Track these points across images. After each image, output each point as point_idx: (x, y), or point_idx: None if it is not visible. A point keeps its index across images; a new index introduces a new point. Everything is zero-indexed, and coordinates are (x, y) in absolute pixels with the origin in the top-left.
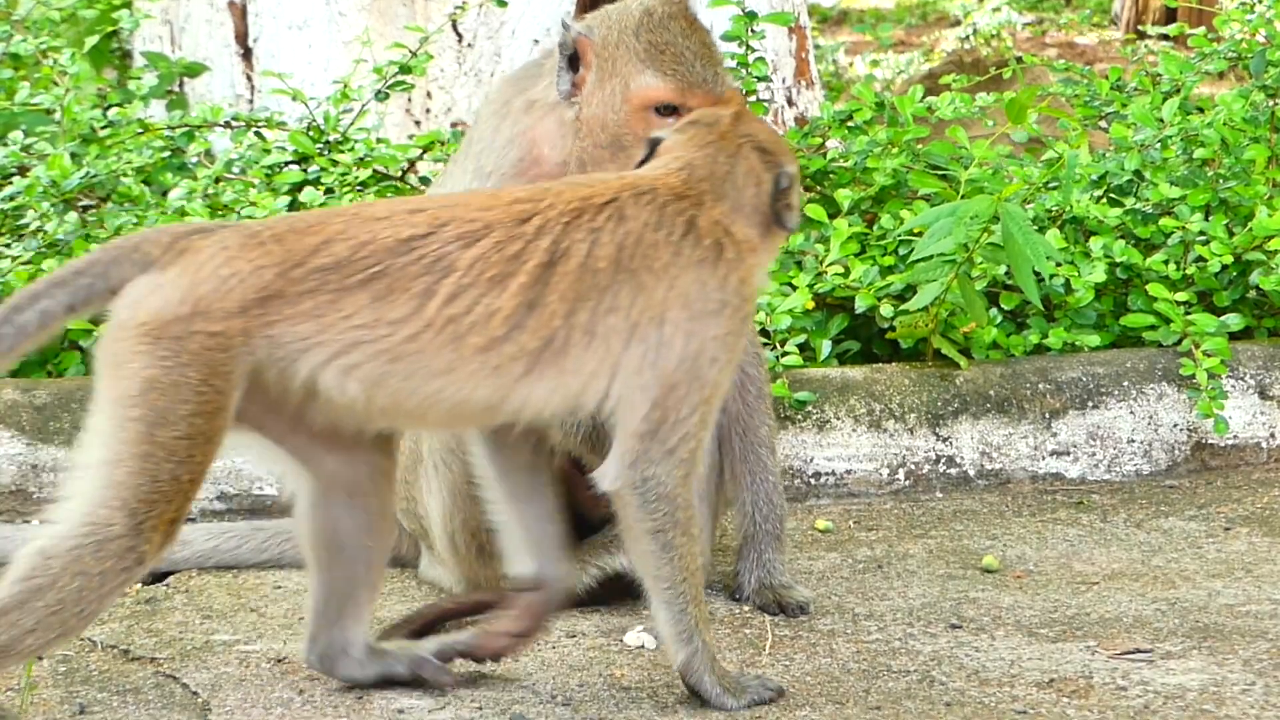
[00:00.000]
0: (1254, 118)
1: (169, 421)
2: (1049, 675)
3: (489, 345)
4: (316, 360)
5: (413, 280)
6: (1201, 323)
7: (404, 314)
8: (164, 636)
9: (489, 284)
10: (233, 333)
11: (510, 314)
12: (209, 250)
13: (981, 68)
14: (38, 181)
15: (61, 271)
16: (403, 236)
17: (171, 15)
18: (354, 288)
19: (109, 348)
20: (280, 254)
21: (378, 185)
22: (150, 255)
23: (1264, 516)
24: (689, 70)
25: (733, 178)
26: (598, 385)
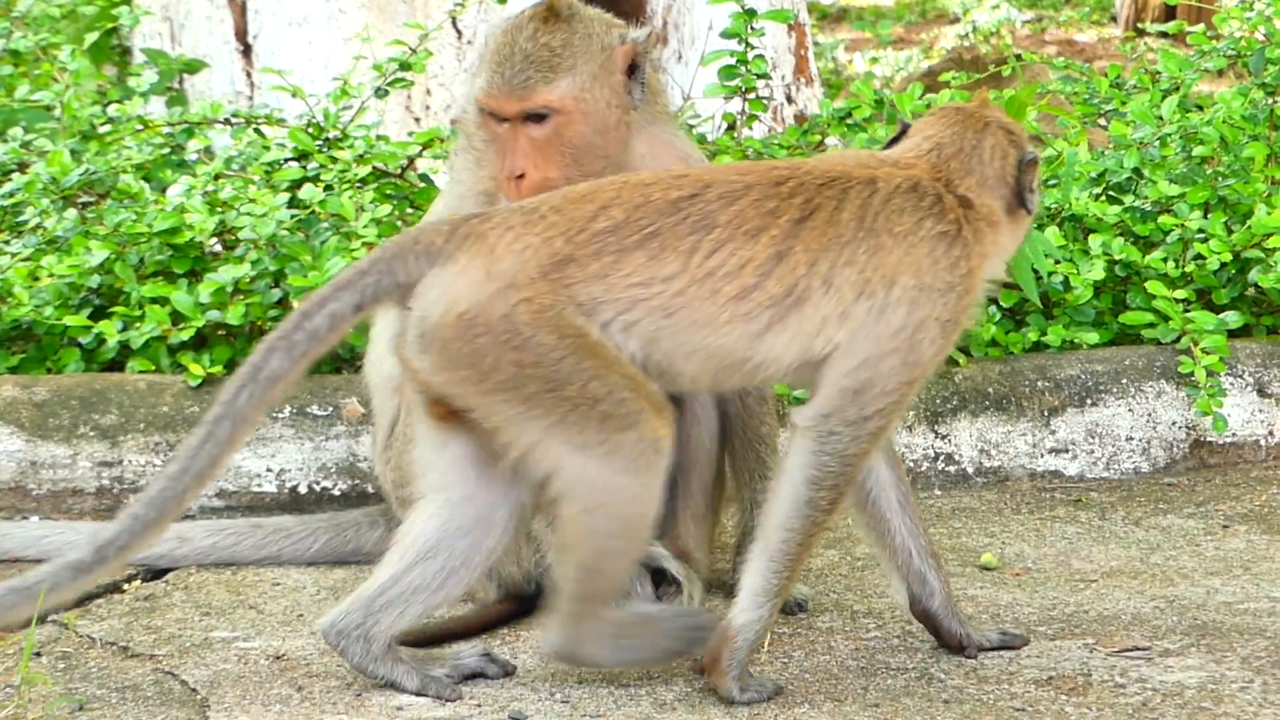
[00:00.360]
0: (1253, 115)
1: (562, 379)
2: (1047, 673)
3: (741, 294)
4: (604, 319)
5: (681, 239)
6: (1200, 320)
7: (673, 270)
8: (163, 633)
9: (745, 237)
10: (542, 295)
11: (761, 264)
12: (495, 231)
13: (981, 65)
14: (37, 178)
15: (345, 275)
16: (671, 198)
17: (171, 12)
18: (631, 248)
19: (445, 346)
20: (564, 223)
21: (377, 182)
22: (434, 246)
23: (1262, 514)
24: (503, 74)
25: (979, 152)
26: (827, 334)
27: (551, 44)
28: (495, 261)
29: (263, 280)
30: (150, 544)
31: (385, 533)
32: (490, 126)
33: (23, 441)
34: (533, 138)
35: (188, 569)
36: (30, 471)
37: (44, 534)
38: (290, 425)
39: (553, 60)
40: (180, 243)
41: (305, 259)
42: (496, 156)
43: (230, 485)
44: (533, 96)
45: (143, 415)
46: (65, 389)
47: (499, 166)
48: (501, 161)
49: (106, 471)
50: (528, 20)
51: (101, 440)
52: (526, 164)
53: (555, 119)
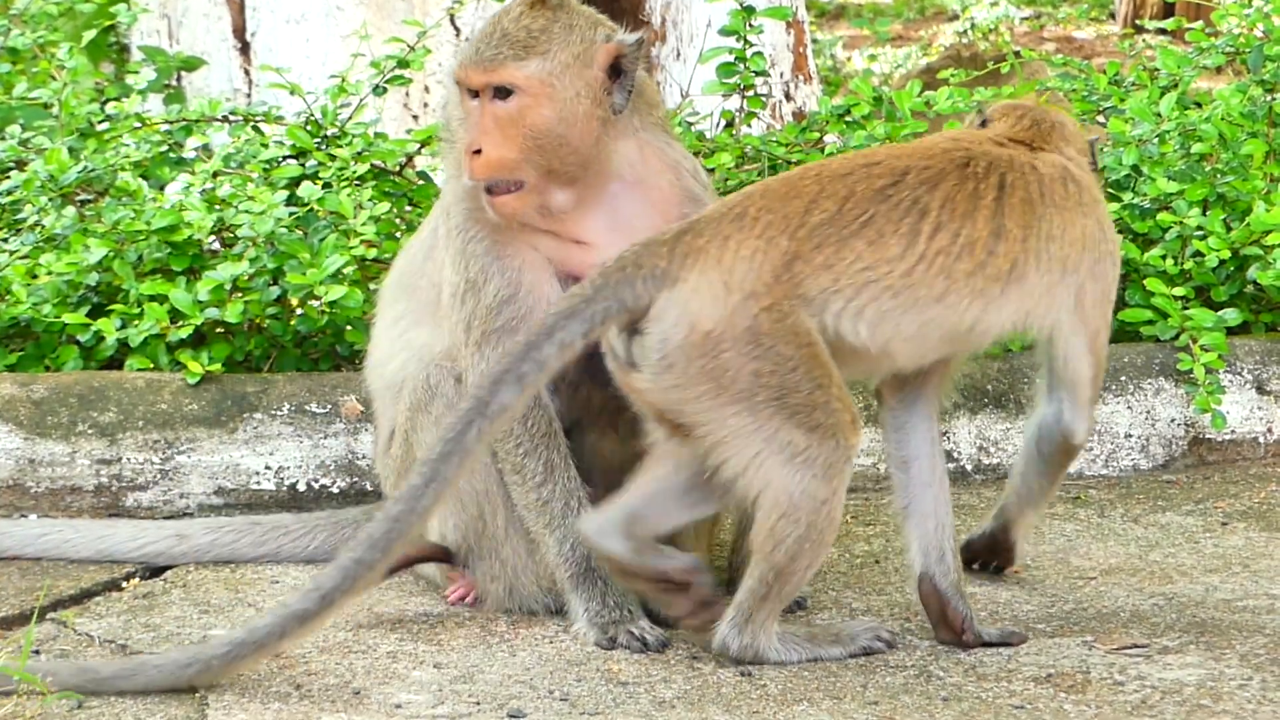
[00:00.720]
0: (1252, 112)
1: (791, 387)
2: (1046, 670)
3: (975, 270)
4: (836, 308)
5: (898, 223)
6: (1199, 318)
7: (898, 252)
8: (161, 631)
9: (961, 218)
10: (779, 300)
11: (985, 241)
12: (714, 243)
13: (979, 62)
14: (35, 176)
15: (568, 303)
16: (877, 187)
17: (169, 9)
18: (850, 237)
19: (689, 365)
20: (780, 221)
21: (376, 179)
22: (659, 268)
23: (1261, 511)
24: (476, 48)
25: (1063, 128)
26: (1042, 307)
27: (531, 27)
28: (728, 273)
29: (261, 278)
30: (373, 585)
31: None
32: (465, 104)
33: (21, 439)
34: (496, 115)
35: (186, 567)
36: (29, 469)
37: (43, 532)
38: (289, 423)
39: (528, 41)
40: (179, 240)
41: (304, 256)
42: (463, 133)
43: (228, 483)
44: (499, 71)
45: (141, 413)
46: (64, 387)
47: (463, 144)
48: (465, 140)
49: (105, 469)
50: (515, 5)
51: (100, 438)
52: (485, 140)
53: (519, 98)
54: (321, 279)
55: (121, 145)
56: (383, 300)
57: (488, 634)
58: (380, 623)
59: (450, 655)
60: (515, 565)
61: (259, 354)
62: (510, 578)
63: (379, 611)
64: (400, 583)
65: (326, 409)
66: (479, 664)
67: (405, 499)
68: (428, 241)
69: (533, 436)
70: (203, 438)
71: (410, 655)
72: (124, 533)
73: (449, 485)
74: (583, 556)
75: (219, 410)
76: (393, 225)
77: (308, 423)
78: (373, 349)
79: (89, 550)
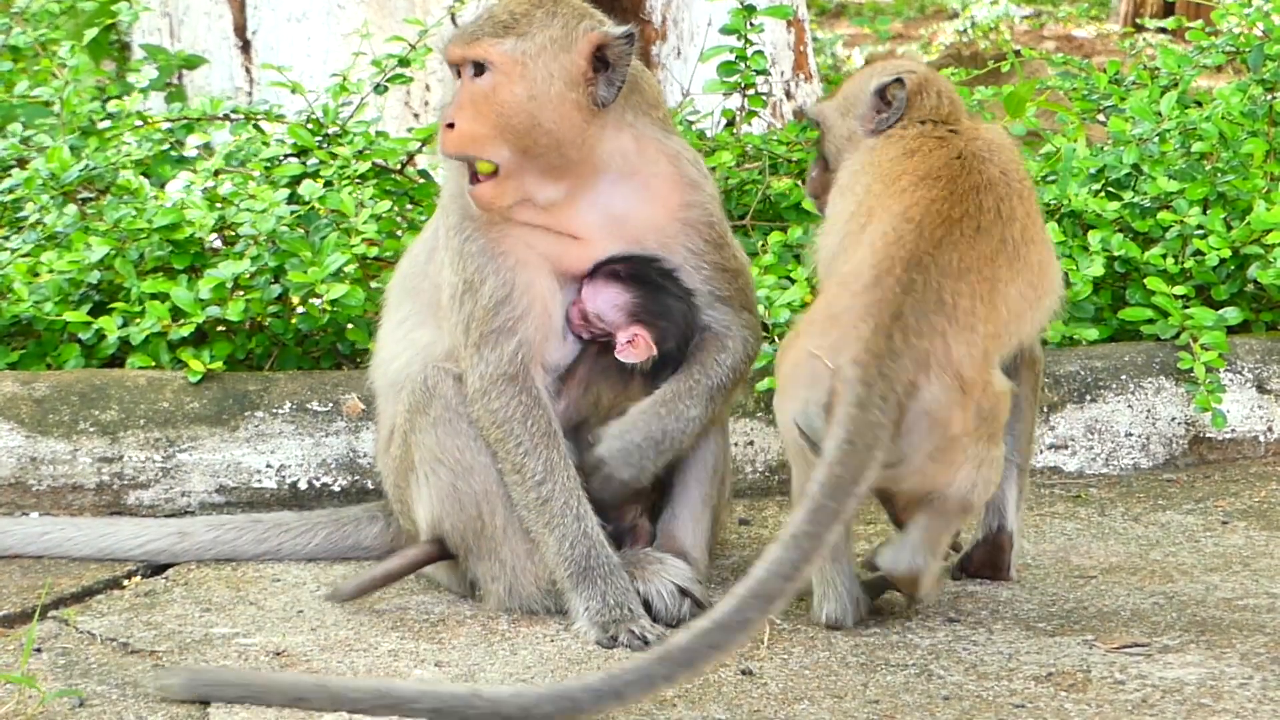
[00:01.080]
0: (1252, 111)
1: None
2: (1047, 669)
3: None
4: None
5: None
6: (1199, 316)
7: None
8: (163, 629)
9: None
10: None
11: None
12: (934, 340)
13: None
14: (37, 174)
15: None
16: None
17: (170, 7)
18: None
19: (933, 460)
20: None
21: (377, 178)
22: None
23: (1261, 510)
24: (465, 27)
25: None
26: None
27: (514, 9)
28: (957, 372)
29: (263, 276)
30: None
31: (385, 528)
32: (454, 85)
33: (23, 437)
34: (472, 92)
35: (188, 565)
36: (30, 467)
37: (44, 530)
38: (290, 421)
39: (508, 21)
40: (180, 239)
41: (305, 255)
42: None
43: (230, 481)
44: (475, 46)
45: (143, 411)
46: (65, 385)
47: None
48: (445, 113)
49: (106, 467)
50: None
51: (102, 436)
52: (459, 115)
53: (493, 75)
54: (323, 277)
55: (123, 143)
56: (388, 303)
57: (489, 632)
58: (381, 621)
59: (451, 654)
60: (514, 566)
61: (260, 352)
62: (510, 578)
63: (380, 609)
64: (400, 583)
65: (328, 407)
66: (480, 662)
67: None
68: (429, 243)
69: (533, 436)
70: (204, 436)
71: (411, 654)
72: (126, 531)
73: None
74: (582, 555)
75: (220, 408)
76: (394, 224)
77: (309, 421)
78: (378, 349)
79: (91, 548)
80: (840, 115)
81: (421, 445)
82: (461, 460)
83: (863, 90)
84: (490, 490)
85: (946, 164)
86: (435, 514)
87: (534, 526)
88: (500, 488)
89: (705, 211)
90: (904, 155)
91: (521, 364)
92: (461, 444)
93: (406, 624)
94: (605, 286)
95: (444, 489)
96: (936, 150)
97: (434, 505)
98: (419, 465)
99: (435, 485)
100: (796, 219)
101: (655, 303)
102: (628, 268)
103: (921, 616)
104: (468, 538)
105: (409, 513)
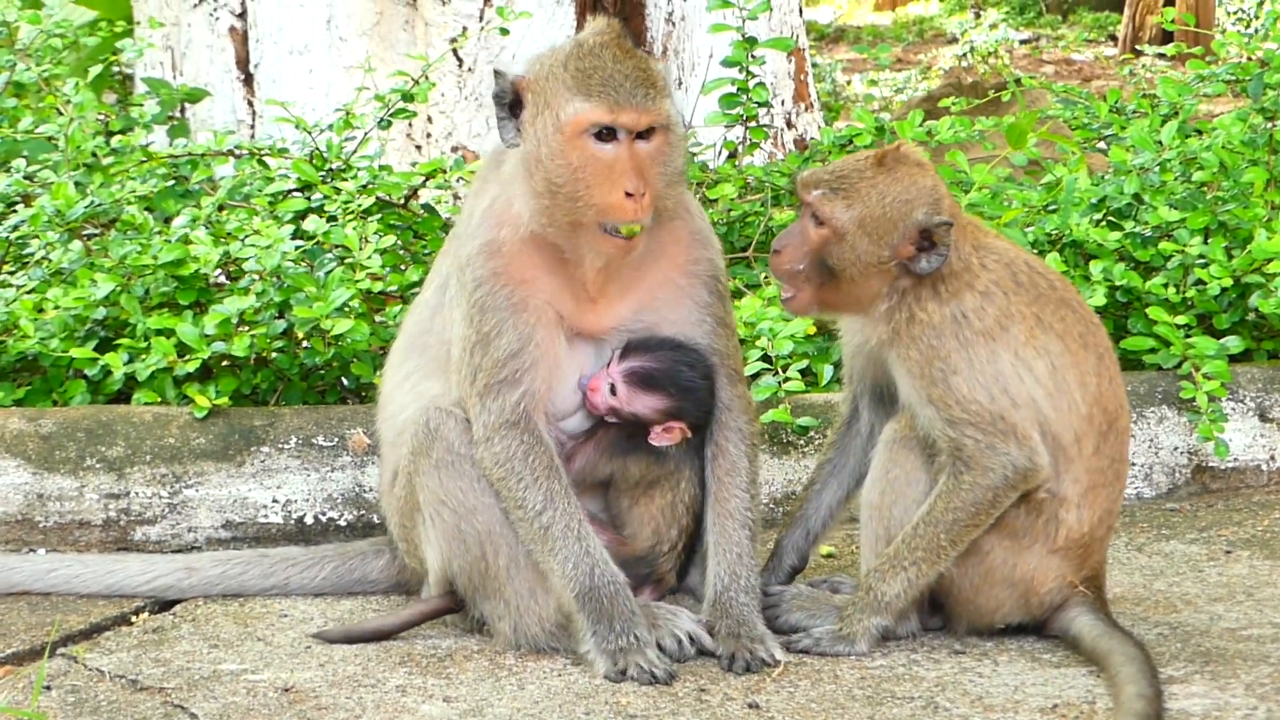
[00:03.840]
0: (1252, 140)
1: None
2: (1053, 700)
3: None
4: None
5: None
6: (1201, 345)
7: None
8: (171, 666)
9: None
10: None
11: None
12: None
13: (980, 90)
14: (42, 210)
15: None
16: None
17: (173, 41)
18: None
19: None
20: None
21: (381, 212)
22: None
23: (1265, 539)
24: (617, 90)
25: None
26: None
27: (643, 66)
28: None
29: (268, 311)
30: None
31: (391, 561)
32: (583, 148)
33: (29, 474)
34: (641, 155)
35: (195, 601)
36: (37, 504)
37: (52, 567)
38: (296, 456)
39: (654, 80)
40: (185, 274)
41: (310, 290)
42: (595, 179)
43: (236, 516)
44: (652, 110)
45: (149, 447)
46: (71, 421)
47: (605, 189)
48: (609, 183)
49: (113, 503)
50: (601, 47)
51: (108, 472)
52: (640, 182)
53: (659, 136)
54: (328, 312)
55: (127, 179)
56: (391, 362)
57: (496, 667)
58: (389, 656)
59: (459, 689)
60: (519, 605)
61: (266, 387)
62: (515, 617)
63: (388, 645)
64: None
65: (333, 442)
66: (488, 697)
67: None
68: (433, 300)
69: (534, 470)
70: (210, 471)
71: (419, 689)
72: (133, 567)
73: None
74: (585, 573)
75: (226, 444)
76: (398, 258)
77: (315, 456)
78: (386, 403)
79: (98, 585)
80: (870, 235)
81: (425, 488)
82: (465, 502)
83: (906, 217)
84: (493, 530)
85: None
86: (444, 555)
87: (539, 556)
88: (503, 528)
89: (712, 265)
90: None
91: (524, 411)
92: (464, 485)
93: (414, 659)
94: (642, 393)
95: (448, 530)
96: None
97: (442, 547)
98: (424, 507)
99: (440, 526)
100: None
101: (689, 399)
102: (660, 368)
103: (928, 649)
104: (473, 578)
105: (416, 553)
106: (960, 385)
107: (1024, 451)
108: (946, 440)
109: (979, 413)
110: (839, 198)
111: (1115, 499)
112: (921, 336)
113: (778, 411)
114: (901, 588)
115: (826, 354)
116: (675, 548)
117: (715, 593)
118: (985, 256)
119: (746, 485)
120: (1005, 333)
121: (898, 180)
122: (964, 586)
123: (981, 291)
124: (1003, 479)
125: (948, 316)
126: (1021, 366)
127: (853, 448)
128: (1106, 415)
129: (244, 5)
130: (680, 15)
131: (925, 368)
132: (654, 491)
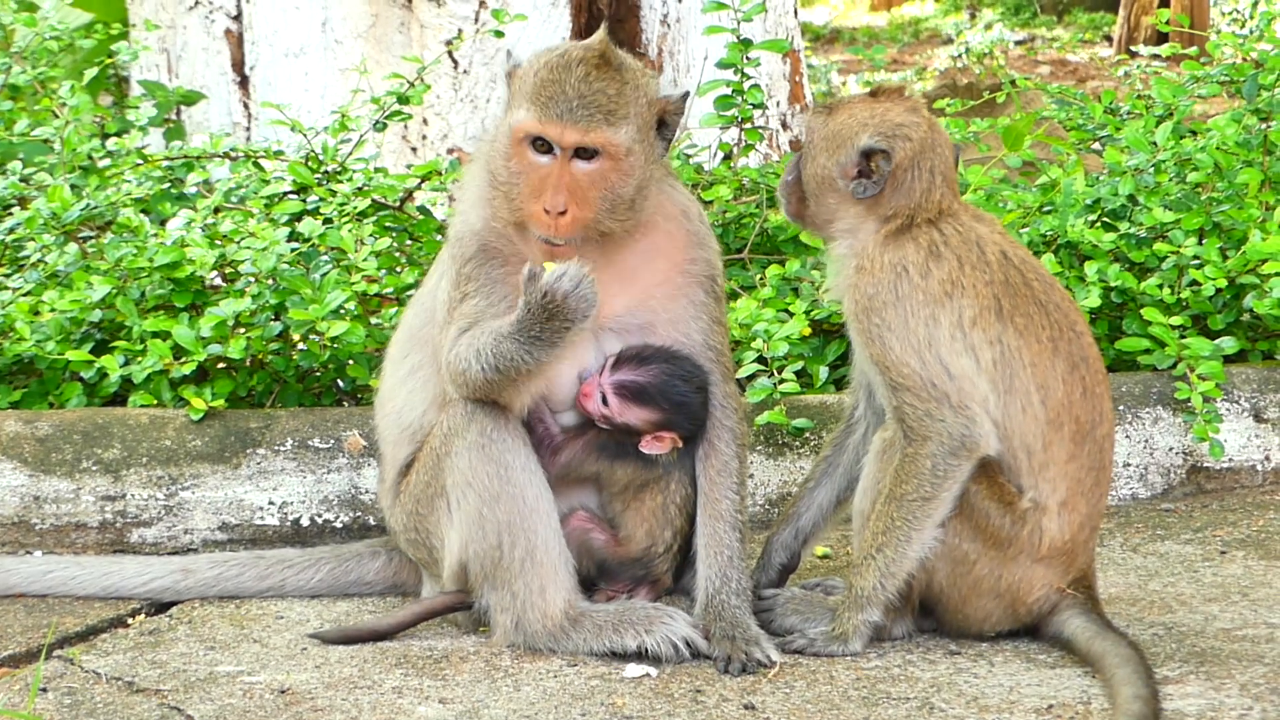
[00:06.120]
0: (1247, 141)
1: None
2: (1048, 701)
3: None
4: None
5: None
6: (1196, 346)
7: None
8: (168, 668)
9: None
10: None
11: None
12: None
13: (975, 91)
14: (38, 213)
15: None
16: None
17: (168, 43)
18: None
19: None
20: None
21: (376, 215)
22: None
23: (1259, 539)
24: (559, 106)
25: None
26: None
27: (608, 90)
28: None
29: (263, 314)
30: None
31: (387, 563)
32: (524, 155)
33: (26, 476)
34: (576, 174)
35: (191, 603)
36: (33, 506)
37: (48, 569)
38: (292, 458)
39: (610, 105)
40: (181, 277)
41: (306, 292)
42: (528, 188)
43: (232, 518)
44: (593, 133)
45: (145, 449)
46: (68, 423)
47: (532, 198)
48: (537, 195)
49: (109, 505)
50: (576, 63)
51: (104, 474)
52: (570, 201)
53: (603, 161)
54: (323, 314)
55: (123, 182)
56: (391, 357)
57: (493, 669)
58: (385, 658)
59: (456, 690)
60: (526, 600)
61: (261, 390)
62: (519, 611)
63: (384, 647)
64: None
65: (329, 444)
66: (484, 699)
67: None
68: (433, 294)
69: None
70: (206, 473)
71: (416, 690)
72: (129, 569)
73: None
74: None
75: (222, 446)
76: (394, 260)
77: (311, 458)
78: (386, 399)
79: (94, 587)
80: (826, 150)
81: (455, 469)
82: (490, 488)
83: (854, 138)
84: (514, 522)
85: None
86: (464, 538)
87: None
88: (524, 520)
89: (709, 265)
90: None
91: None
92: (492, 471)
93: (410, 660)
94: (633, 405)
95: (470, 514)
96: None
97: (464, 530)
98: (449, 489)
99: (463, 509)
100: (794, 252)
101: (681, 412)
102: (652, 382)
103: (923, 649)
104: (486, 565)
105: (428, 540)
106: (894, 344)
107: (959, 420)
108: (892, 410)
109: (911, 376)
110: (822, 114)
111: (1097, 504)
112: (861, 284)
113: (773, 413)
114: (877, 577)
115: (822, 355)
116: (670, 549)
117: (707, 596)
118: (952, 223)
119: (737, 486)
120: (949, 300)
121: (871, 107)
122: (952, 596)
123: (928, 249)
124: (941, 447)
125: (888, 264)
126: (961, 343)
127: (849, 447)
128: (1079, 424)
129: (239, 8)
130: (675, 17)
131: (864, 319)
132: (644, 495)
